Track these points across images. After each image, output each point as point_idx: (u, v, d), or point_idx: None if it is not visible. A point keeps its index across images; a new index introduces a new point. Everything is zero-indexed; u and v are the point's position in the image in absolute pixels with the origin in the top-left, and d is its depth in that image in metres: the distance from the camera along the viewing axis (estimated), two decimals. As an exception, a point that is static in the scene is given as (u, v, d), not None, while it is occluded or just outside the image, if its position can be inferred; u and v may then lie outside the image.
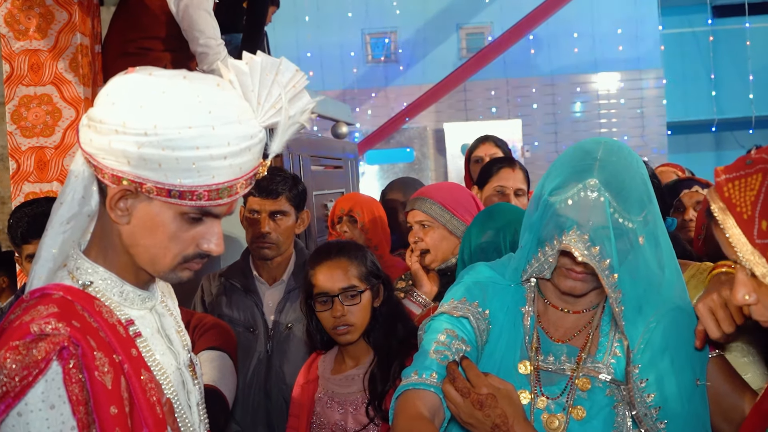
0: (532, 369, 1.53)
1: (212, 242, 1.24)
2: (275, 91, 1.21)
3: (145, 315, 1.30)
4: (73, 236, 1.29)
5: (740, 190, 1.11)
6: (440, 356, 1.50)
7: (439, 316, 1.59)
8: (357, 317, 2.08)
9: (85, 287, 1.24)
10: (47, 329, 1.12)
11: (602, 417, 1.48)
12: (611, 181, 1.43)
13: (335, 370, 2.17)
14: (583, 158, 1.47)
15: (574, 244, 1.42)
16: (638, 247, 1.46)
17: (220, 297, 2.70)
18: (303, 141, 3.98)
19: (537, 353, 1.54)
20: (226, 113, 1.16)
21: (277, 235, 2.62)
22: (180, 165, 1.14)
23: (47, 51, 3.07)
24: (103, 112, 1.17)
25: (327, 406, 2.12)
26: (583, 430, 1.48)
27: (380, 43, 11.63)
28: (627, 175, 1.46)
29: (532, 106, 11.30)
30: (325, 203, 4.19)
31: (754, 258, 1.10)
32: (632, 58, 11.13)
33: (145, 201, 1.19)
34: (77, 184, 1.26)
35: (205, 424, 1.40)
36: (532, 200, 1.58)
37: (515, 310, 1.59)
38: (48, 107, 3.08)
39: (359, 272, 2.11)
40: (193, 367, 1.40)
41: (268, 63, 1.22)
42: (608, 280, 1.43)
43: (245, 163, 1.20)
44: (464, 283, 1.63)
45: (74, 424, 1.11)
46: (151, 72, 1.19)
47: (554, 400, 1.50)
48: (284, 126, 1.24)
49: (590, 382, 1.50)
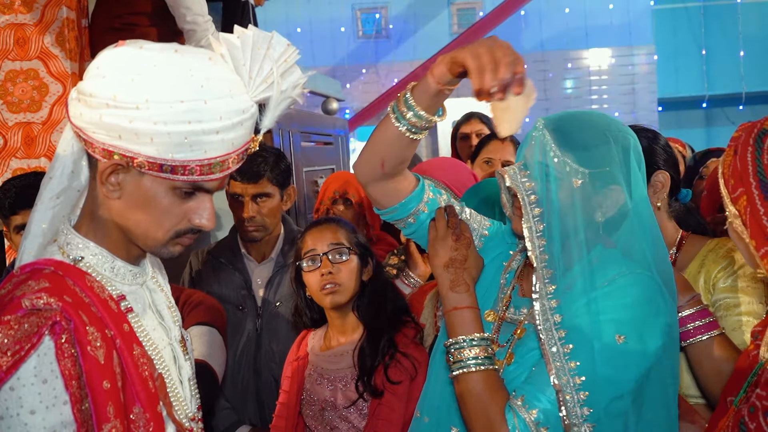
0: (497, 318, 1.58)
1: (204, 217, 1.24)
2: (267, 66, 1.21)
3: (136, 290, 1.30)
4: (63, 211, 1.29)
5: (726, 155, 1.32)
6: None
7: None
8: (344, 276, 2.08)
9: (76, 262, 1.23)
10: (39, 304, 1.11)
11: (527, 359, 1.49)
12: (557, 124, 1.50)
13: (324, 346, 2.18)
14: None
15: (509, 172, 1.50)
16: (573, 191, 1.44)
17: (209, 274, 2.69)
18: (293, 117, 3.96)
19: (505, 305, 1.59)
20: (218, 87, 1.16)
21: (261, 218, 2.60)
22: (172, 139, 1.14)
23: (33, 25, 3.03)
24: (93, 85, 1.15)
25: (317, 383, 2.13)
26: (509, 372, 1.50)
27: (371, 18, 11.54)
28: (578, 124, 1.51)
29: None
30: (315, 179, 4.18)
31: (732, 209, 1.29)
32: (624, 33, 11.10)
33: (137, 176, 1.19)
34: (66, 158, 1.25)
35: (196, 399, 1.40)
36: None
37: (499, 262, 1.65)
38: (35, 82, 3.05)
39: (347, 237, 2.13)
40: (184, 343, 1.40)
41: (259, 37, 1.21)
42: (529, 209, 1.46)
43: (237, 137, 1.20)
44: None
45: (67, 399, 1.11)
46: (142, 45, 1.18)
47: (502, 347, 1.54)
48: (276, 101, 1.23)
49: (525, 330, 1.52)
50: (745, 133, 1.29)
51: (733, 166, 1.28)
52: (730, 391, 1.33)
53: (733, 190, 1.28)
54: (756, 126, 1.28)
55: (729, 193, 1.29)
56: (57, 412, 1.10)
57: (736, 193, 1.27)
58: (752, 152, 1.25)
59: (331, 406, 2.07)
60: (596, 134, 1.48)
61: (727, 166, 1.30)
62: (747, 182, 1.24)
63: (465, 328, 1.49)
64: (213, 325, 2.24)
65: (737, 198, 1.27)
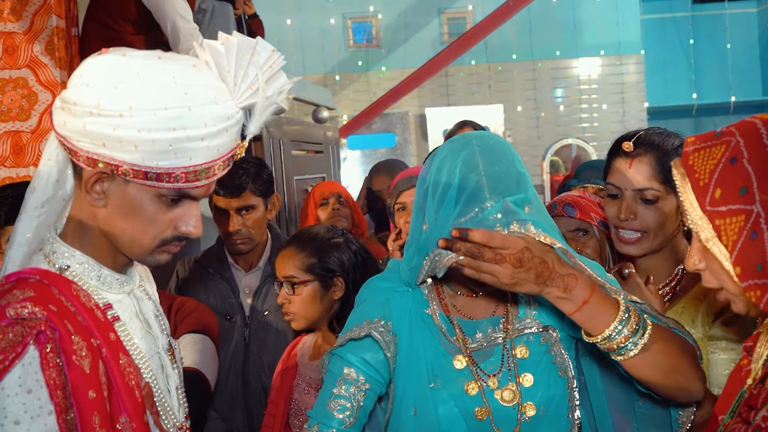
0: (467, 359, 1.52)
1: (191, 224, 1.24)
2: (251, 72, 1.20)
3: (123, 299, 1.29)
4: (48, 220, 1.28)
5: (703, 159, 1.15)
6: (338, 408, 1.53)
7: (342, 348, 1.57)
8: (297, 307, 2.08)
9: (61, 271, 1.22)
10: (24, 313, 1.10)
11: (546, 373, 1.51)
12: (500, 189, 1.44)
13: (313, 356, 2.17)
14: (468, 172, 1.46)
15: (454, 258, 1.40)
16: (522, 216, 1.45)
17: (196, 283, 2.67)
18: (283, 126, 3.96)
19: (465, 342, 1.54)
20: (202, 94, 1.15)
21: (247, 230, 2.58)
22: (156, 147, 1.13)
23: (22, 33, 3.02)
24: (77, 93, 1.15)
25: (305, 393, 2.11)
26: (535, 392, 1.50)
27: (362, 27, 11.56)
28: (508, 176, 1.47)
29: (514, 92, 11.31)
30: (305, 188, 4.18)
31: (702, 223, 1.14)
32: (613, 43, 11.16)
33: (122, 184, 1.18)
34: (51, 167, 1.24)
35: (184, 408, 1.39)
36: (418, 213, 1.55)
37: (420, 314, 1.57)
38: (24, 91, 3.03)
39: (303, 264, 2.08)
40: (172, 352, 1.39)
41: (244, 44, 1.20)
42: None
43: (222, 144, 1.19)
44: (362, 305, 1.61)
45: (52, 409, 1.10)
46: (125, 53, 1.17)
47: (497, 376, 1.52)
48: (261, 107, 1.23)
49: (526, 347, 1.52)
50: (741, 138, 1.13)
51: (728, 173, 1.11)
52: (721, 409, 1.30)
53: (719, 202, 1.12)
54: (755, 127, 1.14)
55: (706, 205, 1.13)
56: (42, 422, 1.09)
57: (723, 207, 1.11)
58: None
59: None
60: (515, 172, 1.51)
61: (707, 172, 1.14)
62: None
63: (609, 309, 1.39)
64: (206, 333, 2.23)
65: (727, 214, 1.11)
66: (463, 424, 1.50)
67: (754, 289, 1.07)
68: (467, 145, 1.50)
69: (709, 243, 1.14)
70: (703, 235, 1.14)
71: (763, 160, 1.09)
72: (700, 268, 1.19)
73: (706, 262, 1.17)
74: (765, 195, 1.07)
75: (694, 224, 1.16)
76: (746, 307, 1.17)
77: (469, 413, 1.50)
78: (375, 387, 1.56)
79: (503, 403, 1.50)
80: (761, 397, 1.16)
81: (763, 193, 1.07)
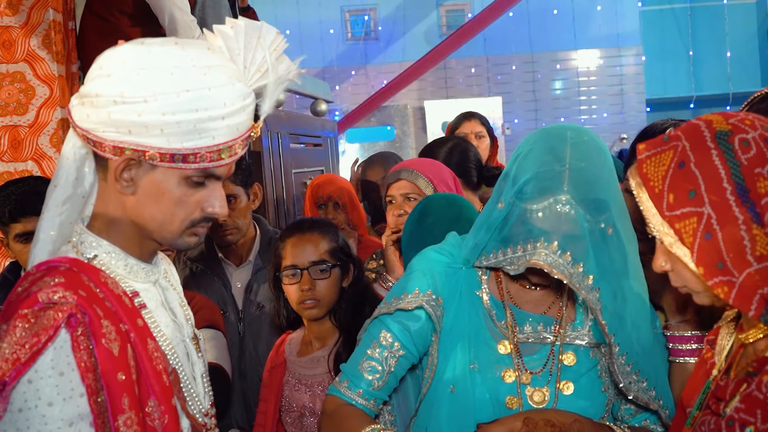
0: (512, 346, 1.53)
1: (216, 205, 1.28)
2: (259, 54, 1.25)
3: (149, 288, 1.33)
4: (70, 218, 1.31)
5: (654, 166, 1.19)
6: (368, 369, 1.56)
7: (389, 315, 1.58)
8: (325, 292, 2.06)
9: (90, 260, 1.25)
10: (55, 297, 1.14)
11: (589, 385, 1.51)
12: (582, 193, 1.41)
13: (301, 352, 2.15)
14: (552, 162, 1.43)
15: (545, 259, 1.40)
16: (608, 238, 1.45)
17: (188, 281, 2.67)
18: (282, 118, 3.95)
19: (513, 329, 1.54)
20: (219, 75, 1.19)
21: (233, 220, 2.60)
22: (181, 128, 1.17)
23: (19, 27, 3.01)
24: (98, 85, 1.18)
25: (295, 389, 2.10)
26: (572, 402, 1.50)
27: (360, 20, 11.52)
28: (597, 180, 1.44)
29: (513, 84, 11.29)
30: (304, 181, 4.17)
31: (663, 229, 1.17)
32: (612, 35, 11.13)
33: (149, 169, 1.22)
34: (70, 165, 1.28)
35: (209, 395, 1.41)
36: (496, 192, 1.54)
37: (470, 294, 1.57)
38: (21, 85, 3.02)
39: (330, 247, 2.09)
40: (196, 341, 1.42)
41: (250, 27, 1.25)
42: (583, 284, 1.42)
43: (241, 123, 1.24)
44: (413, 274, 1.61)
45: (83, 391, 1.12)
46: (143, 41, 1.21)
47: (536, 374, 1.52)
48: (272, 86, 1.27)
49: (574, 355, 1.52)
50: (687, 141, 1.16)
51: (678, 178, 1.14)
52: (687, 401, 1.33)
53: (674, 207, 1.15)
54: (698, 130, 1.16)
55: (664, 211, 1.16)
56: (74, 404, 1.12)
57: (677, 211, 1.14)
58: (719, 155, 1.12)
59: (310, 411, 2.06)
60: (608, 179, 1.47)
61: (660, 179, 1.17)
62: (716, 191, 1.11)
63: None
64: (218, 328, 2.26)
65: (682, 217, 1.14)
66: (492, 410, 1.50)
67: (720, 286, 1.11)
68: (561, 136, 1.47)
69: (673, 247, 1.17)
70: (666, 240, 1.18)
71: (708, 162, 1.12)
72: (666, 269, 1.23)
73: (672, 263, 1.21)
74: (713, 196, 1.11)
75: (656, 230, 1.19)
76: (710, 300, 1.21)
77: (500, 401, 1.51)
78: (408, 356, 1.59)
79: (531, 403, 1.50)
80: (729, 388, 1.18)
81: (711, 195, 1.11)
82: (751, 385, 1.13)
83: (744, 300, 1.09)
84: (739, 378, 1.18)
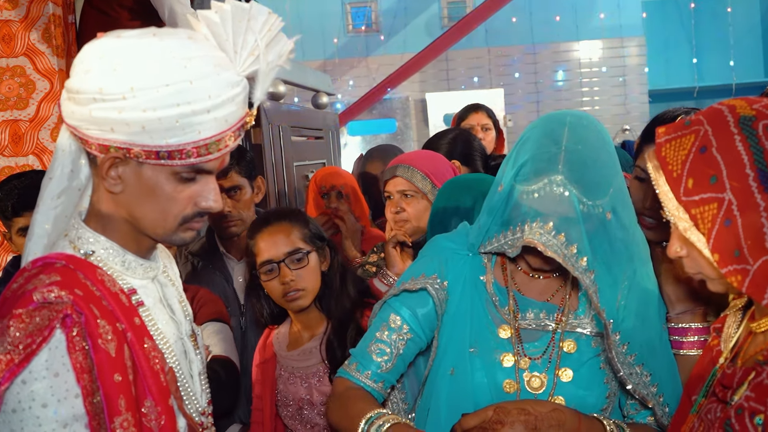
0: (513, 331, 1.54)
1: (210, 199, 1.24)
2: (250, 39, 1.19)
3: (147, 284, 1.30)
4: (66, 211, 1.28)
5: (674, 150, 1.17)
6: (377, 352, 1.59)
7: (396, 297, 1.62)
8: (307, 280, 2.01)
9: (86, 256, 1.23)
10: (50, 297, 1.11)
11: (589, 374, 1.51)
12: (577, 175, 1.41)
13: (291, 345, 2.11)
14: (549, 145, 1.44)
15: (539, 238, 1.41)
16: (606, 223, 1.44)
17: (189, 276, 2.66)
18: (283, 111, 3.94)
19: (515, 315, 1.55)
20: (201, 66, 1.14)
21: (238, 211, 2.59)
22: (163, 124, 1.13)
23: (19, 21, 3.00)
24: (79, 82, 1.15)
25: (289, 383, 2.07)
26: (569, 389, 1.50)
27: (361, 12, 11.50)
28: (593, 162, 1.44)
29: (514, 75, 11.26)
30: (306, 174, 4.16)
31: (678, 213, 1.16)
32: (614, 26, 11.09)
33: (136, 166, 1.18)
34: (65, 158, 1.25)
35: (206, 393, 1.40)
36: (498, 177, 1.55)
37: (474, 279, 1.59)
38: (21, 79, 3.02)
39: (302, 234, 2.04)
40: (194, 337, 1.40)
41: (238, 10, 1.18)
42: (577, 265, 1.42)
43: (230, 114, 1.18)
44: (422, 260, 1.65)
45: (78, 392, 1.11)
46: (120, 34, 1.17)
47: (535, 360, 1.52)
48: (264, 72, 1.21)
49: (575, 343, 1.52)
50: (709, 126, 1.14)
51: (699, 162, 1.13)
52: (693, 389, 1.33)
53: (692, 192, 1.13)
54: (722, 115, 1.14)
55: (681, 195, 1.15)
56: (69, 405, 1.10)
57: (696, 196, 1.13)
58: (743, 141, 1.10)
59: (308, 403, 2.03)
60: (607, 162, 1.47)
61: (679, 163, 1.15)
62: (738, 177, 1.09)
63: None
64: (224, 321, 2.26)
65: (701, 202, 1.12)
66: (490, 394, 1.51)
67: (734, 275, 1.10)
68: (561, 120, 1.48)
69: (688, 232, 1.15)
70: (681, 225, 1.16)
71: (731, 148, 1.11)
72: (681, 255, 1.21)
73: (687, 249, 1.19)
74: (735, 182, 1.09)
75: (671, 215, 1.17)
76: (724, 288, 1.20)
77: (497, 385, 1.51)
78: (416, 339, 1.61)
79: (529, 388, 1.51)
80: (736, 376, 1.18)
81: (733, 181, 1.10)
82: (761, 374, 1.13)
83: (757, 288, 1.08)
84: (747, 366, 1.18)
